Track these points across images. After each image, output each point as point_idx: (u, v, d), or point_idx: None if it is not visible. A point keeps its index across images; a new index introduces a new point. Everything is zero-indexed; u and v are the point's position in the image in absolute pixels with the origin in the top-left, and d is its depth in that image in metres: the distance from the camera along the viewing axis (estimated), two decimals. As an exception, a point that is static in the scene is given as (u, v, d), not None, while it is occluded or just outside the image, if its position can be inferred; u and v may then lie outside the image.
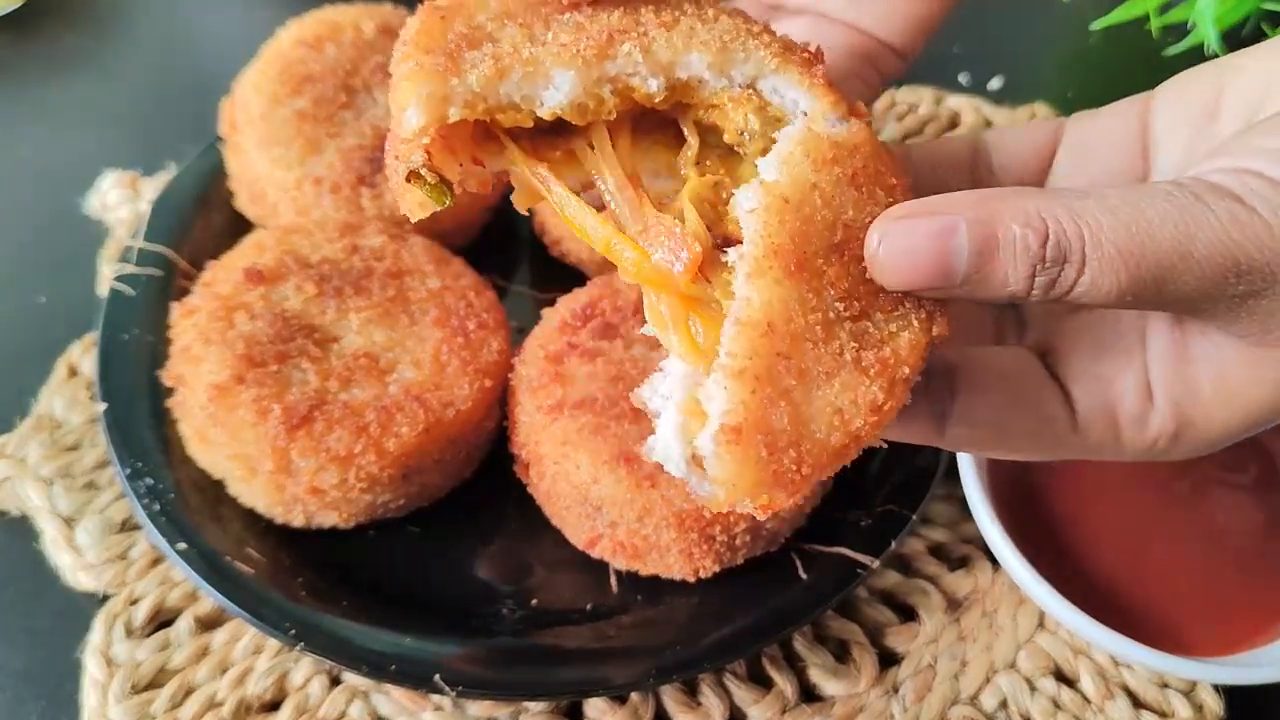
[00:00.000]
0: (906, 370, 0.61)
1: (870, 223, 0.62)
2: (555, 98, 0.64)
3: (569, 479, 1.00)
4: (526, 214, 0.68)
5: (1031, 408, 0.67)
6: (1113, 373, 0.67)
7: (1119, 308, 0.60)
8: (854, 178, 0.63)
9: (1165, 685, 1.05)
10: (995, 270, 0.58)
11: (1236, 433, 0.66)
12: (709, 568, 1.01)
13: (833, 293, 0.60)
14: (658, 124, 0.70)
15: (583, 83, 0.64)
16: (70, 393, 1.21)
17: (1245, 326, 0.61)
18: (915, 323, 0.63)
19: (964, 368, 0.68)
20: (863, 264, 0.62)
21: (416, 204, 0.65)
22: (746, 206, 0.61)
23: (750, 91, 0.68)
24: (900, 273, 0.60)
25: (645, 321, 1.06)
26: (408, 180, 0.64)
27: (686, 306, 0.63)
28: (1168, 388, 0.65)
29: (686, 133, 0.69)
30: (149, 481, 1.05)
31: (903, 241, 0.59)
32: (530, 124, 0.65)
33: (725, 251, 0.63)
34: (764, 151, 0.66)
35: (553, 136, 0.68)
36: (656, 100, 0.67)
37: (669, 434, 0.61)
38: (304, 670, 1.03)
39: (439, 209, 0.65)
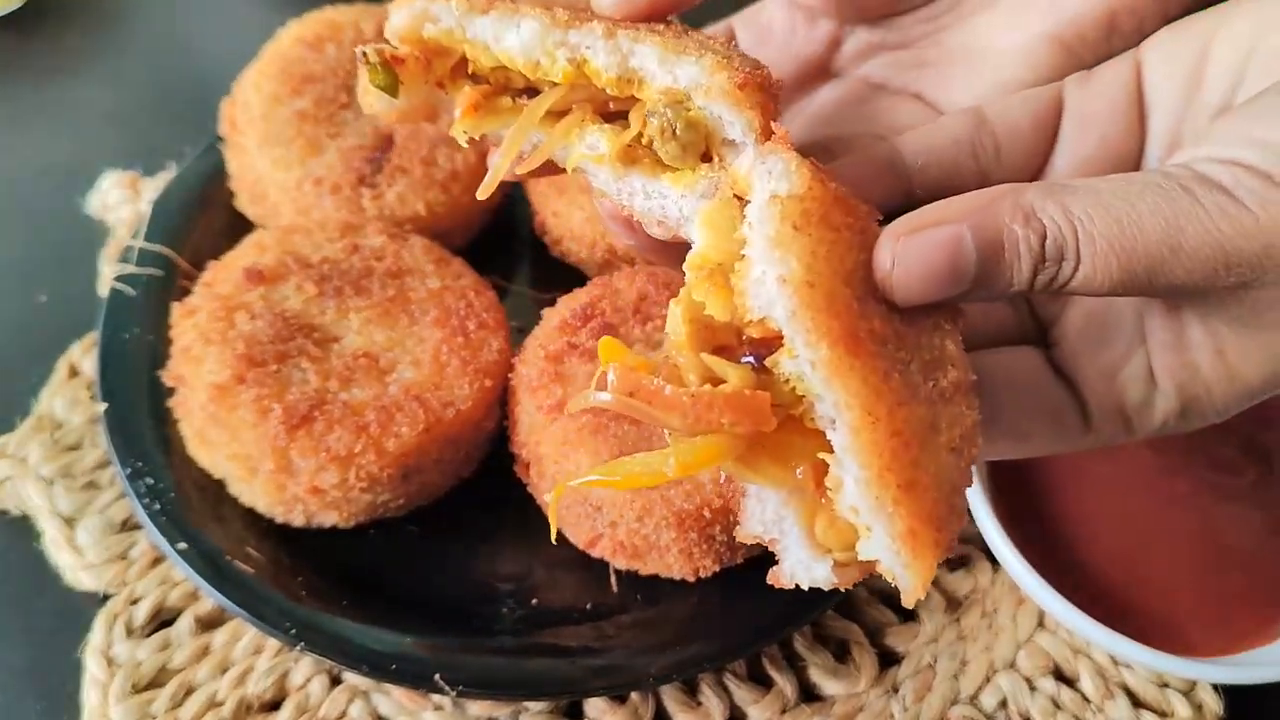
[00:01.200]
0: (971, 375, 0.63)
1: (864, 259, 0.62)
2: (514, 41, 0.69)
3: (569, 479, 1.00)
4: (465, 144, 0.74)
5: (1046, 412, 0.69)
6: (1117, 364, 0.69)
7: (1114, 296, 0.62)
8: (827, 219, 0.62)
9: (1165, 685, 1.05)
10: (1001, 272, 0.60)
11: (1237, 405, 0.68)
12: (709, 567, 1.01)
13: (889, 346, 0.60)
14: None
15: (543, 39, 0.68)
16: (71, 392, 1.21)
17: (1236, 312, 0.63)
18: (946, 325, 0.64)
19: (979, 380, 0.68)
20: (883, 300, 0.62)
21: (363, 87, 0.72)
22: (781, 312, 0.58)
23: (684, 92, 0.68)
24: (916, 289, 0.61)
25: (645, 322, 1.08)
26: (361, 60, 0.71)
27: (781, 444, 0.61)
28: (1169, 372, 0.67)
29: (631, 118, 0.70)
30: (149, 481, 1.05)
31: (915, 260, 0.60)
32: (489, 65, 0.71)
33: (753, 360, 0.61)
34: (683, 152, 0.67)
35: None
36: (606, 82, 0.68)
37: (803, 557, 0.62)
38: (304, 670, 1.03)
39: (383, 101, 0.72)
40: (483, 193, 0.71)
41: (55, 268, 1.35)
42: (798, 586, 0.65)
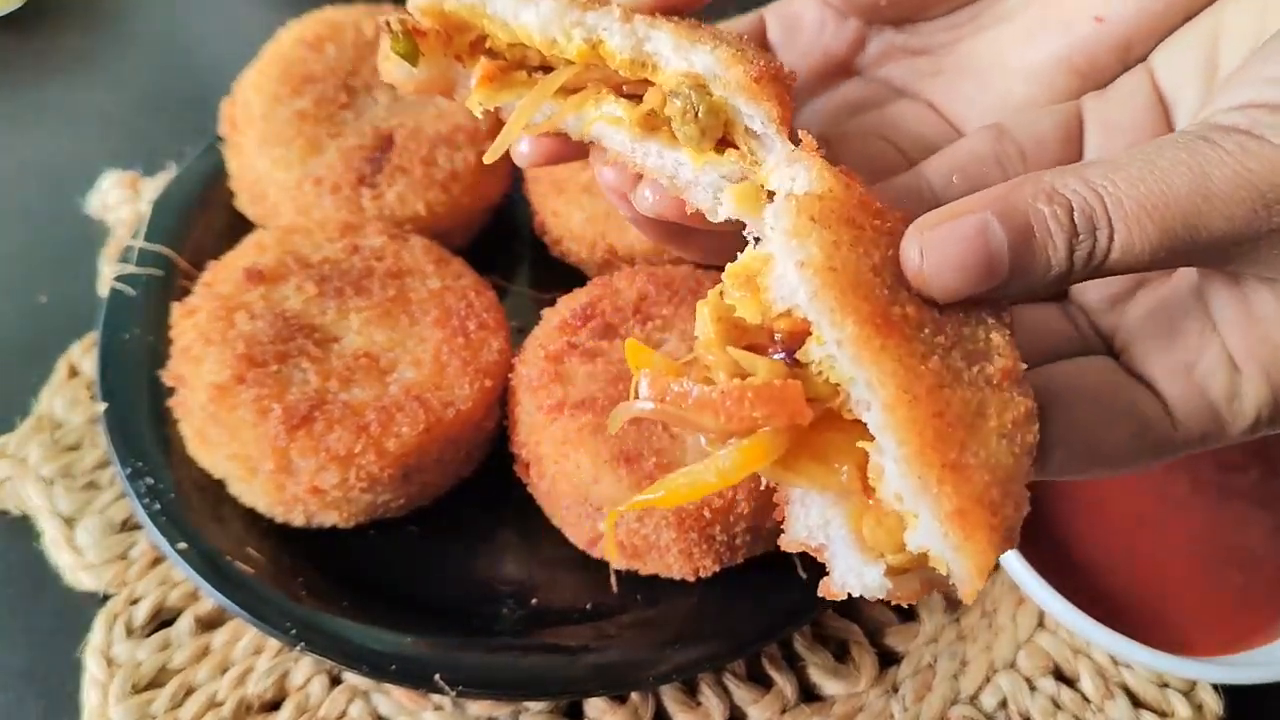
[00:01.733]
0: (1022, 365, 0.60)
1: (894, 255, 0.60)
2: (531, 18, 0.70)
3: (569, 479, 1.00)
4: (480, 116, 0.75)
5: (1127, 416, 0.64)
6: (1192, 355, 0.65)
7: (1164, 267, 0.59)
8: (851, 218, 0.61)
9: (1165, 685, 1.05)
10: (1036, 254, 0.58)
11: None
12: (709, 567, 1.01)
13: (926, 331, 0.58)
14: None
15: (560, 17, 0.69)
16: (71, 393, 1.21)
17: None
18: (991, 320, 0.61)
19: (1049, 392, 0.65)
20: (917, 293, 0.60)
21: (383, 54, 0.73)
22: (804, 296, 0.57)
23: (704, 78, 0.68)
24: (949, 282, 0.59)
25: (645, 322, 1.08)
26: (384, 27, 0.72)
27: (821, 443, 0.59)
28: (1250, 352, 0.63)
29: (647, 97, 0.70)
30: (149, 481, 1.05)
31: (942, 250, 0.59)
32: (506, 41, 0.72)
33: (786, 356, 0.59)
34: (701, 135, 0.67)
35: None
36: (620, 64, 0.69)
37: (853, 562, 0.59)
38: (304, 670, 1.03)
39: (402, 70, 0.73)
40: (489, 156, 0.73)
41: (55, 268, 1.35)
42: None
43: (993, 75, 0.80)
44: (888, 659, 1.07)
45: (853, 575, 0.59)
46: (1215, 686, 1.04)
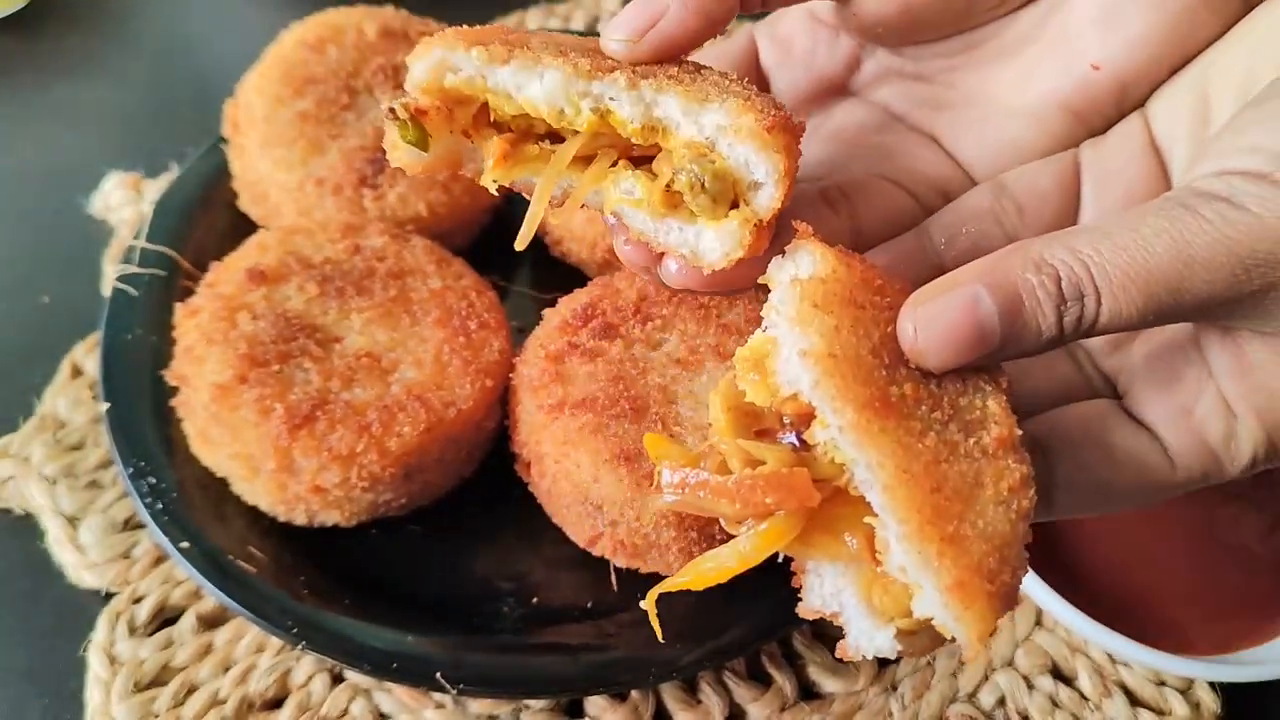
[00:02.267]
0: (1017, 431, 0.63)
1: (894, 331, 0.63)
2: (537, 91, 0.68)
3: (570, 478, 1.01)
4: (496, 193, 0.74)
5: (1129, 459, 0.67)
6: (1189, 401, 0.67)
7: (1153, 325, 0.61)
8: (852, 298, 0.63)
9: (1162, 683, 1.05)
10: (1027, 323, 0.60)
11: None
12: (709, 566, 1.02)
13: (923, 409, 0.61)
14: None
15: (566, 89, 0.68)
16: (74, 392, 1.22)
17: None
18: (987, 387, 0.64)
19: (1054, 436, 0.68)
20: (916, 369, 0.63)
21: (392, 143, 0.71)
22: (806, 384, 0.60)
23: (708, 143, 0.68)
24: (944, 353, 0.61)
25: (645, 322, 1.08)
26: (390, 115, 0.70)
27: (831, 518, 0.62)
28: (1242, 398, 0.66)
29: (656, 166, 0.71)
30: (152, 480, 1.06)
31: (935, 325, 0.61)
32: (511, 113, 0.71)
33: (794, 437, 0.63)
34: (713, 204, 0.67)
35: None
36: (631, 132, 0.69)
37: (865, 627, 0.62)
38: (306, 668, 1.04)
39: (413, 155, 0.71)
40: (520, 244, 0.72)
41: (58, 268, 1.35)
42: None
43: (994, 114, 0.81)
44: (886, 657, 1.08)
45: (865, 639, 0.62)
46: (1212, 685, 1.05)
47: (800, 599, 0.66)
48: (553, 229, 1.30)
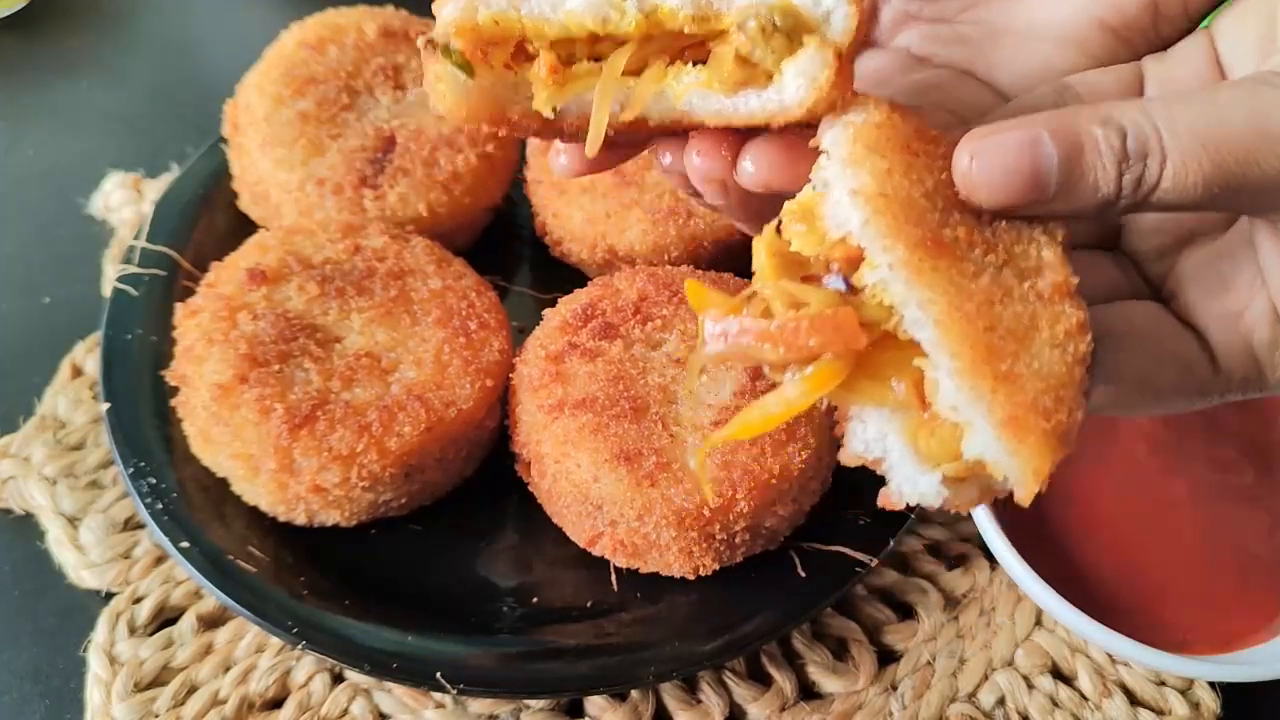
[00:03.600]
0: (1074, 279, 0.61)
1: (947, 179, 0.62)
2: (576, 3, 0.66)
3: (569, 478, 1.01)
4: (550, 114, 0.69)
5: (1172, 357, 0.67)
6: (1240, 305, 0.67)
7: (1210, 208, 0.60)
8: (906, 145, 0.62)
9: (1162, 683, 1.05)
10: (1085, 174, 0.59)
11: None
12: (708, 566, 1.02)
13: (977, 252, 0.60)
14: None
15: None
16: (74, 392, 1.22)
17: None
18: (1042, 237, 0.63)
19: (1099, 328, 0.66)
20: (974, 213, 0.62)
21: (434, 76, 0.66)
22: (856, 223, 0.59)
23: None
24: (996, 188, 0.60)
25: (645, 322, 1.08)
26: (428, 46, 0.66)
27: (877, 362, 0.60)
28: None
29: (716, 52, 0.68)
30: (152, 481, 1.06)
31: (992, 157, 0.60)
32: (551, 36, 0.67)
33: (841, 281, 0.61)
34: (789, 41, 0.65)
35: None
36: (683, 20, 0.66)
37: (909, 472, 0.60)
38: (306, 668, 1.04)
39: (458, 87, 0.66)
40: (590, 150, 0.69)
41: (59, 268, 1.35)
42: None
43: (1029, 41, 0.79)
44: (886, 657, 1.08)
45: (909, 484, 0.60)
46: (1212, 685, 1.05)
47: (841, 446, 0.64)
48: (553, 229, 1.30)
